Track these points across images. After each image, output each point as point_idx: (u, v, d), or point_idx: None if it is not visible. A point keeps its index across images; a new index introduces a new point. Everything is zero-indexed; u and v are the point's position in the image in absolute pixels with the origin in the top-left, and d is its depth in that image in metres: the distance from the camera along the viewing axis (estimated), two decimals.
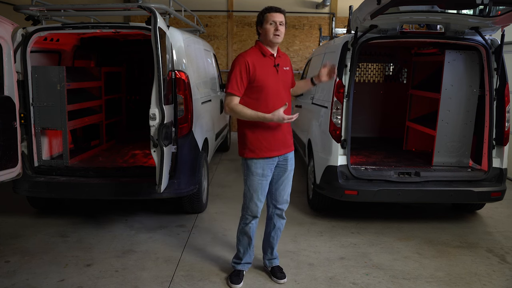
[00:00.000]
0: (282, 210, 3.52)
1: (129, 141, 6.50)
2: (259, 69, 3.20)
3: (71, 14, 5.09)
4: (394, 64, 7.07)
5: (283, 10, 3.24)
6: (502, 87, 4.53)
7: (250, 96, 3.23)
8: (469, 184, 4.53)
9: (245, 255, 3.57)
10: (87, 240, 4.32)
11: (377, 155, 5.54)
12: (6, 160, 3.96)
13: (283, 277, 3.53)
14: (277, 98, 3.24)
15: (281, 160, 3.38)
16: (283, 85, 3.32)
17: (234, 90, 3.18)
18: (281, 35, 3.20)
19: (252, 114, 3.15)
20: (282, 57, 3.39)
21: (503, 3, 3.84)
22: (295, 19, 11.45)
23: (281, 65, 3.33)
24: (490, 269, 3.82)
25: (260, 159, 3.27)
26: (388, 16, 4.22)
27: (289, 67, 3.43)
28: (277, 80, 3.27)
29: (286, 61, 3.42)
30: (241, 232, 3.52)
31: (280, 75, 3.30)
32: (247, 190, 3.38)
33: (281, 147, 3.32)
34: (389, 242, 4.36)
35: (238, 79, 3.17)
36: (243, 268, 3.59)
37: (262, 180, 3.32)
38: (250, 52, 3.27)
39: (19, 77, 4.35)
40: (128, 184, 4.43)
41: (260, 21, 3.24)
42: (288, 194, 3.51)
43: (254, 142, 3.26)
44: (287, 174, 3.43)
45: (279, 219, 3.55)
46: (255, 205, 3.37)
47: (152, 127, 3.91)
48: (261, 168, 3.29)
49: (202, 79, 5.56)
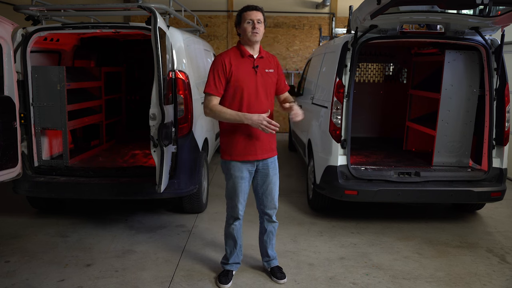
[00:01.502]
0: (271, 215, 3.49)
1: (129, 141, 6.50)
2: (235, 69, 3.16)
3: (71, 14, 5.09)
4: (394, 64, 7.07)
5: (260, 8, 3.18)
6: (502, 87, 4.53)
7: (225, 97, 3.20)
8: (469, 184, 4.53)
9: (232, 255, 3.57)
10: (87, 240, 4.32)
11: (377, 155, 5.54)
12: (6, 160, 3.96)
13: (283, 277, 3.53)
14: (254, 102, 3.18)
15: (261, 166, 3.33)
16: (263, 88, 3.22)
17: (212, 90, 3.15)
18: (260, 33, 3.15)
19: (233, 113, 3.09)
20: (266, 59, 3.28)
21: (503, 3, 3.84)
22: (295, 19, 11.45)
23: (261, 66, 3.23)
24: (490, 269, 3.82)
25: (238, 162, 3.26)
26: (388, 16, 4.22)
27: (273, 69, 3.29)
28: (256, 82, 3.19)
29: (270, 63, 3.30)
30: (226, 233, 3.54)
31: (259, 77, 3.21)
32: (227, 193, 3.38)
33: (258, 152, 3.26)
34: (389, 242, 4.36)
35: (216, 78, 3.15)
36: (232, 268, 3.59)
37: (241, 182, 3.30)
38: (228, 51, 3.26)
39: (19, 77, 4.36)
40: (128, 184, 4.42)
41: (238, 21, 3.21)
42: (275, 199, 3.46)
43: (230, 145, 3.25)
44: (269, 179, 3.37)
45: (269, 223, 3.54)
46: (236, 206, 3.36)
47: (152, 127, 3.91)
48: (239, 170, 3.27)
49: (202, 79, 5.55)
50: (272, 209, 3.48)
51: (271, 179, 3.39)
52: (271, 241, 3.61)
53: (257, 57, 3.23)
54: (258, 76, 3.21)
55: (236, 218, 3.43)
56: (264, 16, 3.21)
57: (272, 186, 3.41)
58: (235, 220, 3.44)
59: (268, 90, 3.26)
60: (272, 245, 3.63)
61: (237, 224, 3.47)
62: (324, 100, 4.93)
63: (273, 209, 3.48)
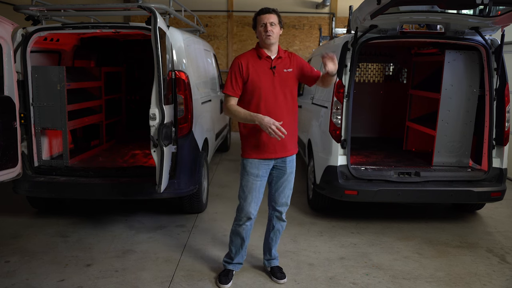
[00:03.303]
0: (281, 212, 3.48)
1: (129, 141, 6.50)
2: (252, 70, 3.19)
3: (71, 14, 5.09)
4: (394, 64, 7.07)
5: (273, 10, 3.20)
6: (502, 87, 4.53)
7: (243, 98, 3.24)
8: (469, 184, 4.53)
9: (236, 255, 3.55)
10: (87, 240, 4.32)
11: (377, 155, 5.53)
12: (6, 160, 3.96)
13: (283, 277, 3.53)
14: (273, 103, 3.19)
15: (279, 162, 3.33)
16: (281, 88, 3.23)
17: (229, 91, 3.21)
18: (273, 35, 3.17)
19: (246, 114, 3.13)
20: (285, 59, 3.28)
21: (503, 3, 3.84)
22: (295, 19, 11.45)
23: (279, 67, 3.23)
24: (490, 269, 3.82)
25: (255, 159, 3.26)
26: (388, 16, 4.22)
27: (292, 68, 3.28)
28: (273, 83, 3.21)
29: (288, 62, 3.29)
30: (234, 232, 3.50)
31: (277, 78, 3.21)
32: (241, 191, 3.36)
33: (278, 150, 3.27)
34: (389, 242, 4.36)
35: (233, 79, 3.20)
36: (234, 268, 3.58)
37: (257, 180, 3.29)
38: (246, 54, 3.30)
39: (19, 77, 4.35)
40: (128, 184, 4.42)
41: (254, 24, 3.27)
42: (288, 197, 3.46)
43: (249, 143, 3.27)
44: (286, 176, 3.37)
45: (278, 221, 3.52)
46: (249, 206, 3.33)
47: (152, 127, 3.91)
48: (256, 168, 3.27)
49: (202, 79, 5.56)
50: (284, 206, 3.46)
51: (288, 177, 3.39)
52: (277, 240, 3.60)
53: (275, 57, 3.24)
54: (276, 77, 3.22)
55: (248, 218, 3.39)
56: (279, 17, 3.22)
57: (287, 183, 3.41)
58: (247, 220, 3.40)
59: (288, 90, 3.26)
60: (276, 245, 3.62)
61: (248, 224, 3.43)
62: (324, 100, 4.94)
63: (285, 206, 3.47)
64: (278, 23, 3.21)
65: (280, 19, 3.24)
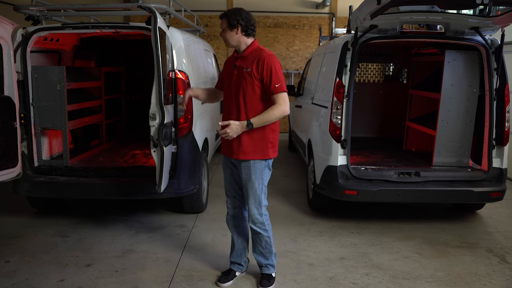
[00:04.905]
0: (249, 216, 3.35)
1: (129, 141, 6.50)
2: (224, 68, 3.38)
3: (71, 14, 5.09)
4: (394, 64, 7.07)
5: (223, 14, 3.15)
6: (502, 87, 4.53)
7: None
8: (469, 184, 4.53)
9: (231, 252, 3.61)
10: (87, 240, 4.32)
11: (377, 155, 5.54)
12: (6, 160, 3.96)
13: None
14: (227, 100, 3.25)
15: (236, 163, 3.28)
16: (236, 87, 3.13)
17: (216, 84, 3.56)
18: (227, 40, 3.17)
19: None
20: (249, 58, 3.12)
21: (503, 3, 3.84)
22: (295, 19, 11.45)
23: (240, 65, 3.13)
24: (490, 269, 3.82)
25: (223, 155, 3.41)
26: (388, 16, 4.22)
27: (251, 69, 3.07)
28: (231, 81, 3.19)
29: (251, 62, 3.09)
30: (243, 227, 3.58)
31: (235, 76, 3.15)
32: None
33: (228, 151, 3.29)
34: (389, 242, 4.36)
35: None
36: (233, 267, 3.58)
37: (224, 174, 3.45)
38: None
39: (19, 77, 4.35)
40: (128, 184, 4.43)
41: None
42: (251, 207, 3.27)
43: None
44: (243, 183, 3.27)
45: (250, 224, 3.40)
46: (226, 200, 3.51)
47: (152, 127, 3.91)
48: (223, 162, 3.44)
49: (202, 79, 5.56)
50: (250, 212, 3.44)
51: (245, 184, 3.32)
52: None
53: (241, 55, 3.19)
54: (235, 75, 3.18)
55: (228, 213, 3.54)
56: (228, 19, 3.08)
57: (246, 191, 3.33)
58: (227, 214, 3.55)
59: (242, 89, 3.11)
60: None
61: (229, 218, 3.55)
62: (324, 100, 4.93)
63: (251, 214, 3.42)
64: (227, 26, 3.11)
65: (229, 21, 3.08)
